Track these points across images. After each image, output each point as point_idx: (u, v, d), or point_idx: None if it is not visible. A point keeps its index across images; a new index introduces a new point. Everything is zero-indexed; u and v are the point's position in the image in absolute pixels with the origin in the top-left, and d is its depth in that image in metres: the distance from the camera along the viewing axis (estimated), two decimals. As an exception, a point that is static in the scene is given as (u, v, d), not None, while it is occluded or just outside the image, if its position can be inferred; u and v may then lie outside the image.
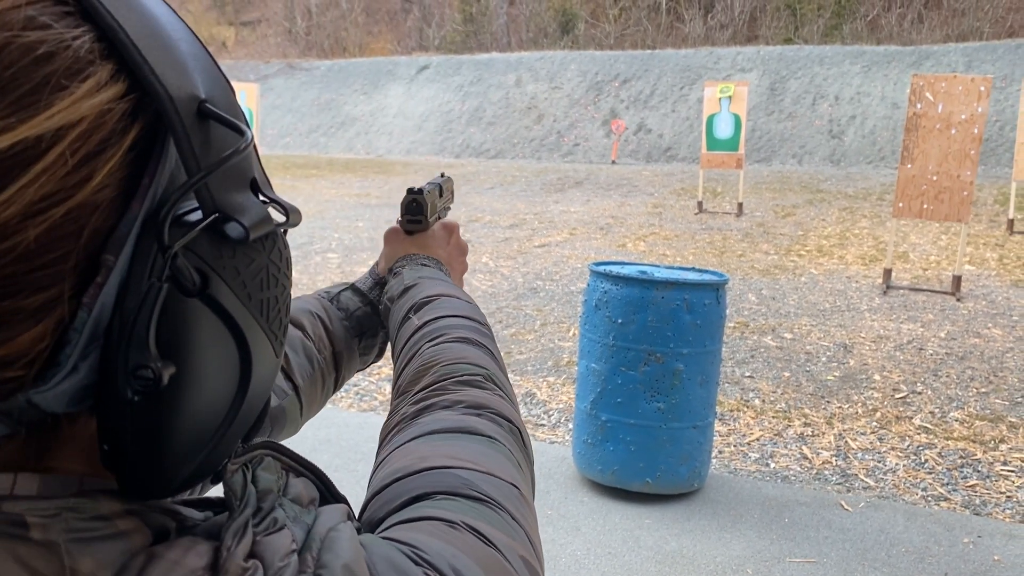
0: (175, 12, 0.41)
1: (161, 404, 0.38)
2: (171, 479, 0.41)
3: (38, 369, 0.37)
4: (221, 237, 0.39)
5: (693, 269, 4.22)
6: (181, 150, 0.37)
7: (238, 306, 0.41)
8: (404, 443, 0.59)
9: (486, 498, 0.51)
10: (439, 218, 1.12)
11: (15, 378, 0.36)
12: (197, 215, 0.39)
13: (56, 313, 0.36)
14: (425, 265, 1.01)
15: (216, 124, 0.39)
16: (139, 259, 0.37)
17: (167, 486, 0.41)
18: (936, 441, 4.70)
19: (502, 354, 5.98)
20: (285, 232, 0.44)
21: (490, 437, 0.60)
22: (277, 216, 0.43)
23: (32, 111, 0.33)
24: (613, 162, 19.50)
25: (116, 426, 0.39)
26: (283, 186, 15.17)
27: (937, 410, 5.13)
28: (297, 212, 0.43)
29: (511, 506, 0.52)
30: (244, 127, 0.40)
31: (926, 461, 4.45)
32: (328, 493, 0.51)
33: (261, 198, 0.42)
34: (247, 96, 13.96)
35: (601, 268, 4.02)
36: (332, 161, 20.39)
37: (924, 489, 4.15)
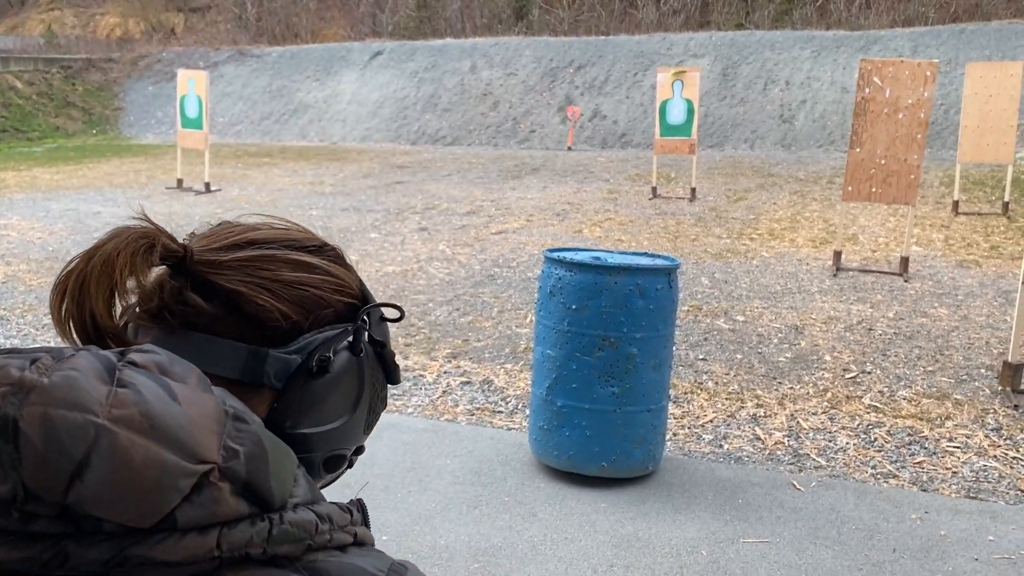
0: None
1: (319, 383, 0.73)
2: (307, 446, 0.74)
3: (283, 340, 0.73)
4: (378, 350, 0.81)
5: (645, 254, 4.25)
6: (371, 316, 0.79)
7: (368, 378, 0.79)
8: None
9: None
10: None
11: (277, 332, 0.73)
12: (367, 336, 0.80)
13: (303, 329, 0.75)
14: None
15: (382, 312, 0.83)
16: (342, 332, 0.76)
17: (302, 448, 0.73)
18: (885, 420, 4.79)
19: (460, 341, 5.97)
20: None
21: None
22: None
23: (349, 275, 0.81)
24: (569, 148, 19.53)
25: (290, 392, 0.72)
26: (235, 175, 14.95)
27: (886, 389, 5.24)
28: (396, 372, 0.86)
29: None
30: (400, 310, 0.82)
31: (875, 439, 4.54)
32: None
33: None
34: (196, 83, 13.67)
35: (555, 255, 4.02)
36: (285, 149, 20.13)
37: (873, 467, 4.24)
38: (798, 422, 4.75)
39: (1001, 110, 10.71)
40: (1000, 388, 5.19)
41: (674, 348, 4.15)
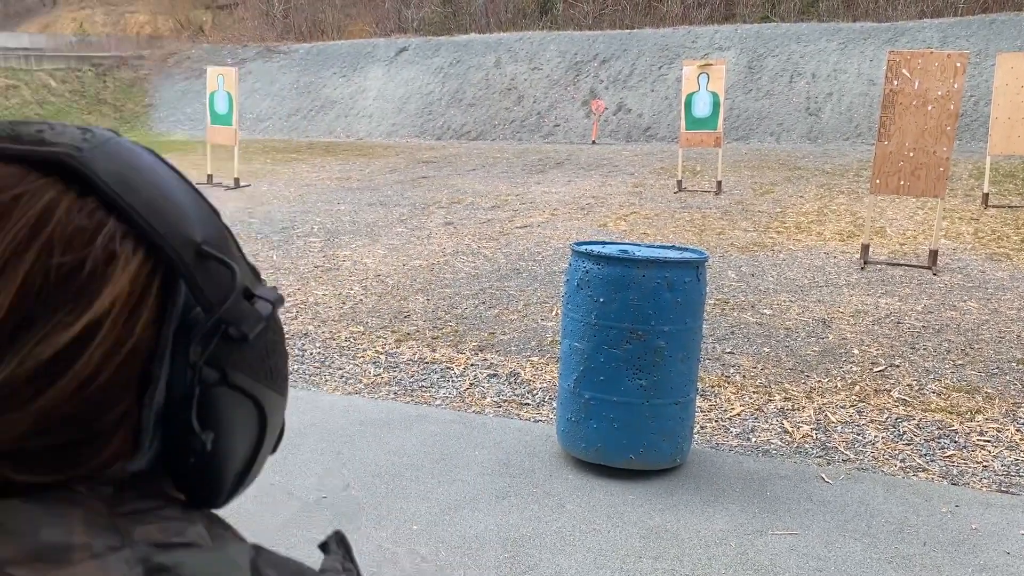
0: (171, 166, 0.53)
1: (209, 458, 0.54)
2: (223, 497, 0.57)
3: (128, 451, 0.51)
4: (230, 341, 0.52)
5: (673, 247, 4.26)
6: (190, 287, 0.50)
7: (251, 382, 0.54)
8: None
9: None
10: None
11: (117, 458, 0.51)
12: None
13: (131, 418, 0.50)
14: None
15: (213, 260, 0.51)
16: (176, 365, 0.51)
17: (220, 501, 0.57)
18: (914, 413, 4.77)
19: (487, 334, 6.01)
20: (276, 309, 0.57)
21: None
22: (265, 307, 0.55)
23: (87, 304, 0.46)
24: (593, 142, 19.50)
25: (182, 474, 0.54)
26: (264, 170, 15.07)
27: (915, 382, 5.21)
28: (281, 298, 0.56)
29: None
30: (231, 263, 0.52)
31: (904, 433, 4.53)
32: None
33: (254, 301, 0.54)
34: (225, 80, 13.80)
35: (583, 248, 4.04)
36: (312, 145, 20.25)
37: (903, 460, 4.23)
38: (826, 415, 4.74)
39: (1033, 101, 10.56)
40: (1031, 382, 5.14)
41: (702, 341, 4.16)
